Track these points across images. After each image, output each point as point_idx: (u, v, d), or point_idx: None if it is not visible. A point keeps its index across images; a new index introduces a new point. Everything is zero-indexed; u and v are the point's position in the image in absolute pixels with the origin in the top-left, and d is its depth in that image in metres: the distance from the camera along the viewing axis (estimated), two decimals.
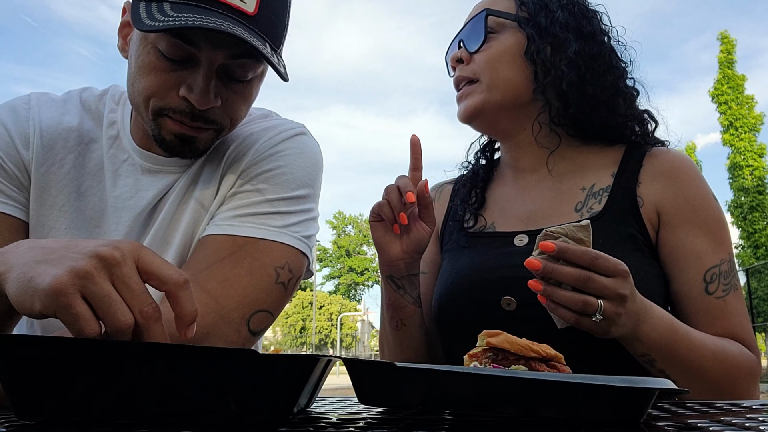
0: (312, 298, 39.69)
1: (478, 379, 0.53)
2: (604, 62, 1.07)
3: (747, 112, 20.90)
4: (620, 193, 1.03)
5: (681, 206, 1.00)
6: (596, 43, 1.08)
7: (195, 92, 0.84)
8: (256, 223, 0.91)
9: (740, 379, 0.90)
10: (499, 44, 1.08)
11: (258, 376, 0.50)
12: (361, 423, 0.53)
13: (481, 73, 1.08)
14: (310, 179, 0.99)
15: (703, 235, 0.98)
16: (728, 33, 21.52)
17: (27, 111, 0.99)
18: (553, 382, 0.51)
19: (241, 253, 0.88)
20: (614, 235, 0.99)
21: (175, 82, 0.86)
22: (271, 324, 0.92)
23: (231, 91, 0.90)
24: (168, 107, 0.87)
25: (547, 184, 1.11)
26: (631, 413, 0.53)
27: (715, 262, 0.97)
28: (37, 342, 0.52)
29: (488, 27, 1.09)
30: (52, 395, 0.50)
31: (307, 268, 0.98)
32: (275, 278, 0.89)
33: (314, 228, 0.99)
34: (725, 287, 0.96)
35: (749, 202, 20.12)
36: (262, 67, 0.92)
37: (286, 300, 0.93)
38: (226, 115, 0.91)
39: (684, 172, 1.03)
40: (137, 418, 0.51)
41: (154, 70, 0.86)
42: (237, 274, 0.86)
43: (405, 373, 0.55)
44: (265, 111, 1.10)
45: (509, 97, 1.07)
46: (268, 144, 0.98)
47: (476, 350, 0.65)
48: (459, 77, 1.11)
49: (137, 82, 0.88)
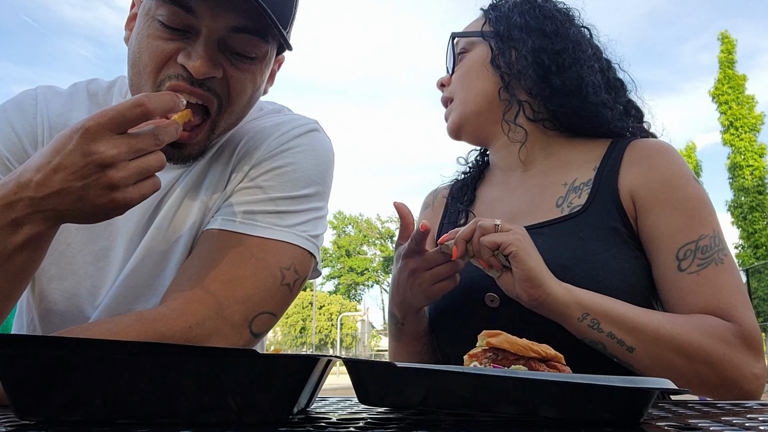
0: (312, 298, 39.70)
1: (478, 379, 0.53)
2: (570, 55, 1.10)
3: (747, 112, 20.91)
4: (602, 187, 1.04)
5: (655, 188, 0.99)
6: (561, 38, 1.11)
7: (193, 59, 0.83)
8: (263, 222, 0.89)
9: (706, 350, 0.84)
10: (468, 61, 1.18)
11: (258, 376, 0.50)
12: (361, 423, 0.53)
13: (455, 92, 1.19)
14: (321, 177, 0.97)
15: (678, 214, 0.96)
16: (728, 33, 21.53)
17: (34, 107, 0.98)
18: (553, 382, 0.51)
19: (247, 253, 0.86)
20: (597, 229, 0.99)
21: (174, 51, 0.85)
22: (273, 325, 0.91)
23: (235, 67, 0.88)
24: (168, 75, 0.85)
25: (532, 181, 1.14)
26: (631, 413, 0.53)
27: (692, 238, 0.94)
28: (36, 342, 0.52)
29: (461, 48, 1.20)
30: (52, 395, 0.50)
31: (314, 268, 0.97)
32: (280, 280, 0.88)
33: (323, 226, 0.97)
34: (702, 261, 0.92)
35: (749, 202, 20.13)
36: (268, 47, 0.91)
37: (290, 301, 0.92)
38: (228, 90, 0.89)
39: (658, 155, 1.02)
40: (137, 418, 0.51)
41: (154, 41, 0.85)
42: (241, 275, 0.85)
43: (405, 373, 0.55)
44: (277, 106, 1.09)
45: (482, 104, 1.15)
46: (280, 140, 0.96)
47: (476, 350, 0.65)
48: (442, 99, 1.23)
49: (138, 61, 0.87)
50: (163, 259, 0.94)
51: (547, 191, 1.10)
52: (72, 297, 0.96)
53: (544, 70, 1.09)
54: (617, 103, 1.13)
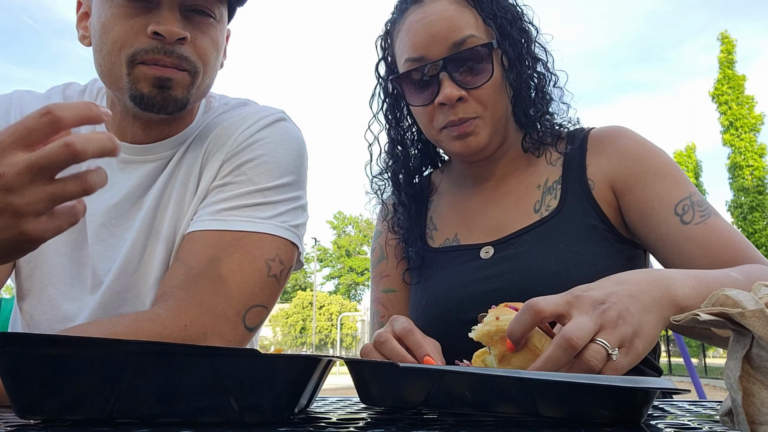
0: (312, 298, 39.70)
1: (478, 379, 0.53)
2: (524, 57, 1.06)
3: (747, 112, 20.92)
4: (572, 183, 1.03)
5: (629, 167, 0.99)
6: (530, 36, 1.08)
7: (163, 23, 0.86)
8: (242, 216, 0.90)
9: None
10: (495, 79, 1.00)
11: (260, 376, 0.50)
12: (361, 423, 0.53)
13: (484, 110, 1.00)
14: (294, 166, 0.97)
15: (660, 179, 0.96)
16: (728, 33, 21.55)
17: (9, 104, 0.99)
18: (553, 382, 0.51)
19: (230, 249, 0.87)
20: (575, 229, 0.98)
21: (143, 25, 0.87)
22: (266, 318, 0.92)
23: (197, 30, 0.91)
24: (140, 50, 0.87)
25: (507, 188, 1.10)
26: (631, 413, 0.53)
27: (684, 195, 0.94)
28: (37, 341, 0.52)
29: (472, 59, 0.99)
30: (52, 395, 0.50)
31: (298, 259, 0.97)
32: (267, 271, 0.89)
33: (303, 216, 0.97)
34: (702, 212, 0.92)
35: (749, 202, 20.13)
36: (222, 7, 0.95)
37: (279, 292, 0.93)
38: (197, 56, 0.91)
39: (620, 138, 1.03)
40: (137, 418, 0.51)
41: (121, 18, 0.87)
42: (228, 271, 0.85)
43: (405, 373, 0.55)
44: (243, 99, 1.09)
45: (503, 121, 1.05)
46: (248, 133, 0.97)
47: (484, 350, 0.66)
48: (459, 119, 0.99)
49: (105, 42, 0.88)
50: (145, 260, 0.95)
51: (523, 198, 1.07)
52: (55, 309, 0.96)
53: (538, 76, 1.06)
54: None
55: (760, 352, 0.40)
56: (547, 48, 1.10)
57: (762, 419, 0.40)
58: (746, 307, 0.40)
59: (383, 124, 1.18)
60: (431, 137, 1.08)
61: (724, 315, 0.41)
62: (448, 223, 1.14)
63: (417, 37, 1.00)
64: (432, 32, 0.99)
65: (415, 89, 1.03)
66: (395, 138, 1.17)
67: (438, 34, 0.98)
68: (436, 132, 1.04)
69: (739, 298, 0.41)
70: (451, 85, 0.98)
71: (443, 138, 1.04)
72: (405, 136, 1.18)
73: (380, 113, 1.17)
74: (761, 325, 0.39)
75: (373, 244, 1.25)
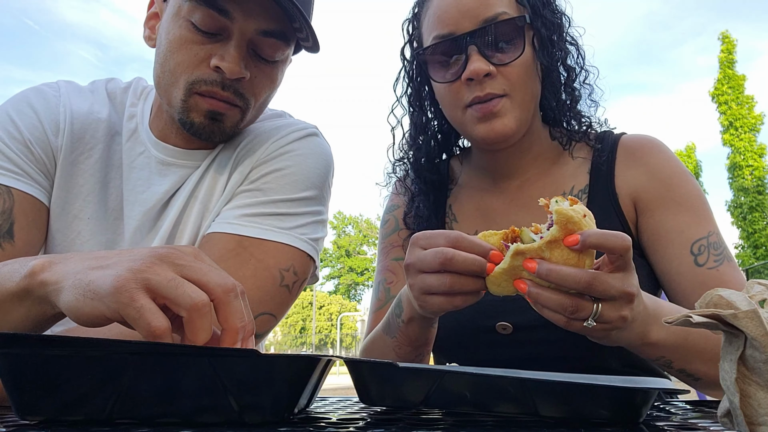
0: (312, 298, 39.71)
1: (478, 379, 0.53)
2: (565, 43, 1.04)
3: (747, 112, 20.93)
4: (599, 191, 1.01)
5: (656, 188, 0.97)
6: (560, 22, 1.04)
7: (227, 60, 0.87)
8: (262, 224, 0.90)
9: None
10: (525, 57, 0.96)
11: (259, 376, 0.50)
12: (361, 423, 0.53)
13: (513, 90, 0.95)
14: (319, 181, 0.98)
15: (684, 211, 0.94)
16: (729, 33, 21.55)
17: (57, 98, 1.00)
18: (553, 382, 0.51)
19: (246, 255, 0.87)
20: None
21: (207, 55, 0.88)
22: (274, 326, 0.92)
23: (258, 70, 0.92)
24: (200, 80, 0.88)
25: (531, 192, 1.05)
26: (630, 413, 0.53)
27: (702, 234, 0.92)
28: (37, 341, 0.52)
29: (503, 34, 0.95)
30: (52, 395, 0.50)
31: (313, 273, 0.97)
32: (279, 281, 0.89)
33: (322, 231, 0.98)
34: (717, 257, 0.91)
35: (749, 202, 20.13)
36: (289, 50, 0.95)
37: (290, 303, 0.92)
38: (252, 93, 0.93)
39: (653, 153, 1.00)
40: (137, 418, 0.51)
41: (187, 44, 0.88)
42: (241, 276, 0.85)
43: (405, 373, 0.55)
44: (278, 111, 1.11)
45: (532, 109, 1.00)
46: (279, 143, 0.98)
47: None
48: (486, 94, 0.94)
49: (168, 60, 0.90)
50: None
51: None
52: None
53: (565, 66, 1.03)
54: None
55: (754, 353, 0.40)
56: (579, 42, 1.06)
57: (760, 420, 0.40)
58: (739, 308, 0.40)
59: (406, 108, 1.14)
60: (455, 120, 1.02)
61: (717, 317, 0.41)
62: (468, 218, 1.10)
63: (447, 13, 0.96)
64: (462, 8, 0.95)
65: (441, 66, 0.99)
66: (417, 123, 1.13)
67: (469, 11, 0.94)
68: (461, 112, 0.98)
69: (732, 299, 0.41)
70: (479, 59, 0.93)
71: (467, 120, 0.97)
72: (426, 123, 1.14)
73: (404, 97, 1.14)
74: (754, 325, 0.39)
75: (385, 216, 1.21)
